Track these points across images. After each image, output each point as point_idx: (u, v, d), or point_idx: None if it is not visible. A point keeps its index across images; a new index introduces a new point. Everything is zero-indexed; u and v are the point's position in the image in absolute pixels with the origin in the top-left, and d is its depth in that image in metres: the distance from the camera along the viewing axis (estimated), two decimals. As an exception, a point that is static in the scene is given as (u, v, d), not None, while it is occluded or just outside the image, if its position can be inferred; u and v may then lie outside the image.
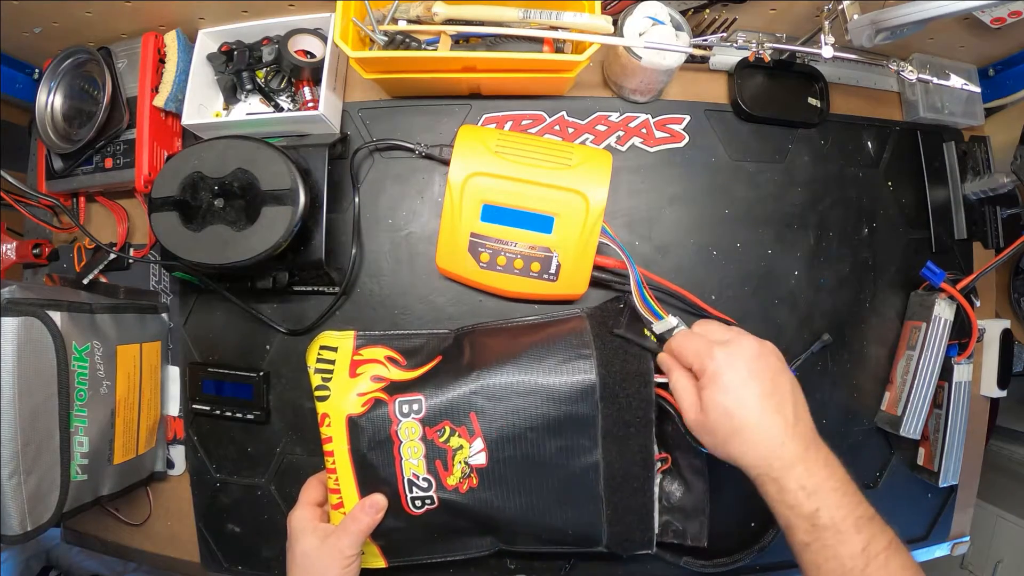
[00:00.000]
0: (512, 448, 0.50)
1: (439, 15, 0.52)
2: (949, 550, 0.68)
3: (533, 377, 0.50)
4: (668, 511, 0.56)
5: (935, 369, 0.59)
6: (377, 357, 0.54)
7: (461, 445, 0.51)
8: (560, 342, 0.51)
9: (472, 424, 0.50)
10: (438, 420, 0.50)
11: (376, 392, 0.52)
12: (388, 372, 0.53)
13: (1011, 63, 0.64)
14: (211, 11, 0.60)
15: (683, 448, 0.55)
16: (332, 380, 0.53)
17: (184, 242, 0.51)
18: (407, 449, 0.51)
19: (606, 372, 0.50)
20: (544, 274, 0.55)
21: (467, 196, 0.53)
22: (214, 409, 0.61)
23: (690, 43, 0.55)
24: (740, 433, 0.42)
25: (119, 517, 0.65)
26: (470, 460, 0.51)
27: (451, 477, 0.51)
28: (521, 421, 0.50)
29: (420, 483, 0.51)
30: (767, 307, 0.62)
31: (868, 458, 0.64)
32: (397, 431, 0.51)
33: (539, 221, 0.54)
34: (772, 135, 0.63)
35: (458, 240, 0.55)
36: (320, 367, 0.54)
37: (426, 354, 0.55)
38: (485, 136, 0.54)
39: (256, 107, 0.63)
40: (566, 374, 0.50)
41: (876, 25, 0.50)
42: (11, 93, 0.66)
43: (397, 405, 0.51)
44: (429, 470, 0.51)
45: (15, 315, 0.45)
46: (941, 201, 0.66)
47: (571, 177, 0.53)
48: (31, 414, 0.46)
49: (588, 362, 0.50)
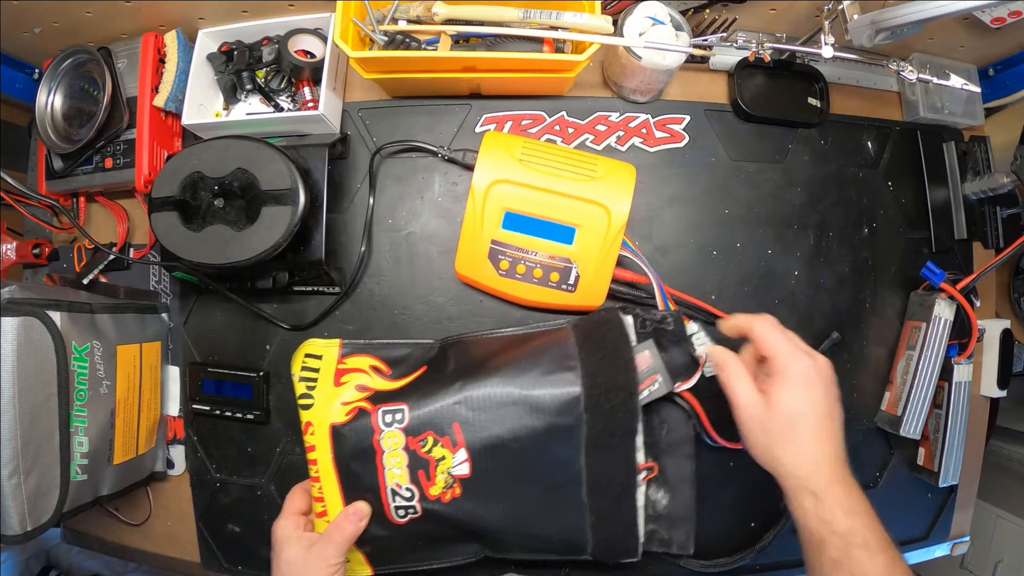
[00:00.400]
0: (495, 458, 0.50)
1: (439, 15, 0.52)
2: (949, 550, 0.68)
3: (517, 388, 0.50)
4: (654, 519, 0.55)
5: (935, 369, 0.59)
6: (362, 366, 0.54)
7: (444, 455, 0.50)
8: (545, 353, 0.51)
9: (455, 435, 0.50)
10: (421, 430, 0.50)
11: (360, 402, 0.52)
12: (372, 381, 0.53)
13: (1011, 63, 0.64)
14: (211, 11, 0.60)
15: (670, 456, 0.55)
16: (316, 388, 0.53)
17: (184, 242, 0.51)
18: (390, 459, 0.50)
19: (591, 383, 0.49)
20: (563, 285, 0.55)
21: (490, 203, 0.53)
22: (214, 409, 0.61)
23: (690, 43, 0.55)
24: (796, 440, 0.43)
25: (119, 517, 0.65)
26: (453, 470, 0.50)
27: (434, 487, 0.51)
28: (505, 432, 0.50)
29: (403, 493, 0.51)
30: (767, 307, 0.62)
31: (868, 458, 0.64)
32: (380, 441, 0.50)
33: (560, 231, 0.54)
34: (772, 135, 0.63)
35: (478, 246, 0.55)
36: (304, 375, 0.54)
37: (411, 364, 0.55)
38: (510, 143, 0.54)
39: (256, 107, 0.63)
40: (550, 386, 0.50)
41: (876, 25, 0.50)
42: (11, 93, 0.66)
43: (380, 415, 0.51)
44: (412, 480, 0.51)
45: (15, 315, 0.45)
46: (941, 201, 0.66)
47: (595, 189, 0.53)
48: (31, 414, 0.46)
49: (573, 373, 0.50)
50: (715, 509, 0.61)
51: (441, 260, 0.60)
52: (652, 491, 0.55)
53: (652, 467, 0.54)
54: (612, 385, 0.50)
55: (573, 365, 0.50)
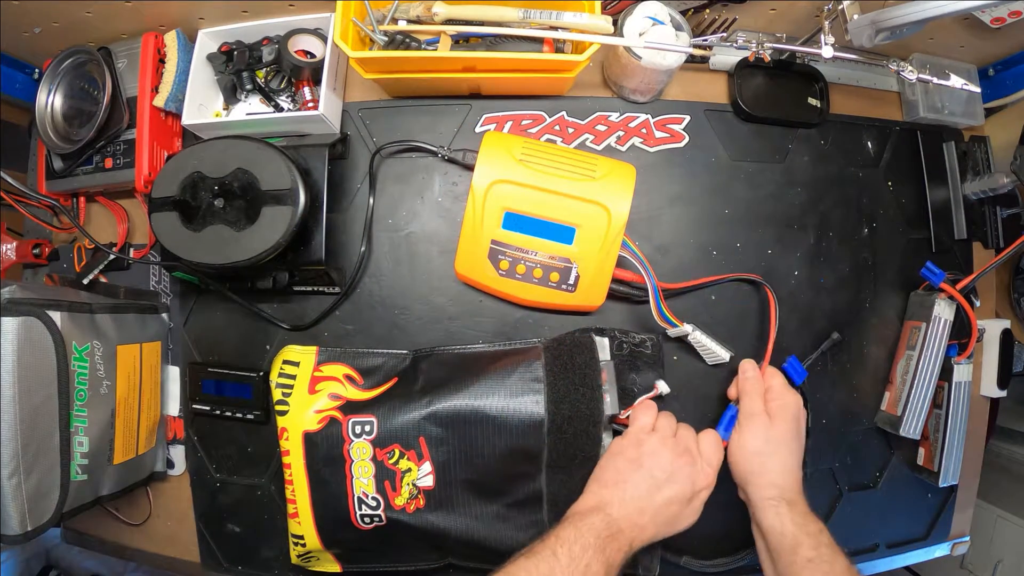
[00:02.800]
0: (459, 473, 0.52)
1: (439, 15, 0.52)
2: (949, 550, 0.68)
3: (483, 408, 0.51)
4: None
5: (935, 369, 0.59)
6: (336, 375, 0.56)
7: (410, 468, 0.52)
8: (514, 374, 0.52)
9: (421, 448, 0.52)
10: (388, 442, 0.52)
11: (332, 411, 0.53)
12: (345, 391, 0.55)
13: (1011, 63, 0.64)
14: (211, 11, 0.60)
15: None
16: (292, 395, 0.55)
17: (184, 242, 0.51)
18: (358, 468, 0.52)
19: (555, 409, 0.51)
20: (563, 285, 0.55)
21: (490, 203, 0.53)
22: (214, 409, 0.61)
23: (690, 43, 0.55)
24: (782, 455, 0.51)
25: (119, 517, 0.64)
26: (418, 482, 0.52)
27: (399, 497, 0.53)
28: (469, 448, 0.51)
29: (369, 501, 0.53)
30: (767, 307, 0.62)
31: (868, 458, 0.64)
32: (349, 451, 0.52)
33: (560, 231, 0.54)
34: (772, 135, 0.63)
35: (478, 246, 0.55)
36: (281, 381, 0.55)
37: (383, 375, 0.56)
38: (510, 144, 0.54)
39: (256, 107, 0.63)
40: (516, 407, 0.51)
41: (876, 25, 0.50)
42: (11, 93, 0.66)
43: (350, 425, 0.52)
44: (378, 490, 0.52)
45: (15, 315, 0.45)
46: (941, 201, 0.66)
47: (595, 189, 0.53)
48: (31, 414, 0.46)
49: (538, 396, 0.51)
50: (715, 509, 0.60)
51: (441, 260, 0.60)
52: None
53: None
54: (576, 412, 0.51)
55: (539, 388, 0.51)
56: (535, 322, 0.60)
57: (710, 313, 0.61)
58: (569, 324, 0.60)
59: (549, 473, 0.52)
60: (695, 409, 0.60)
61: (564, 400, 0.51)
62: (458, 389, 0.52)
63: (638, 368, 0.56)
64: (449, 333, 0.60)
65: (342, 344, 0.60)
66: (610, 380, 0.53)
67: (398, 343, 0.60)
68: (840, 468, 0.63)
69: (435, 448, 0.52)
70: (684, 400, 0.60)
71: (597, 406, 0.51)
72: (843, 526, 0.62)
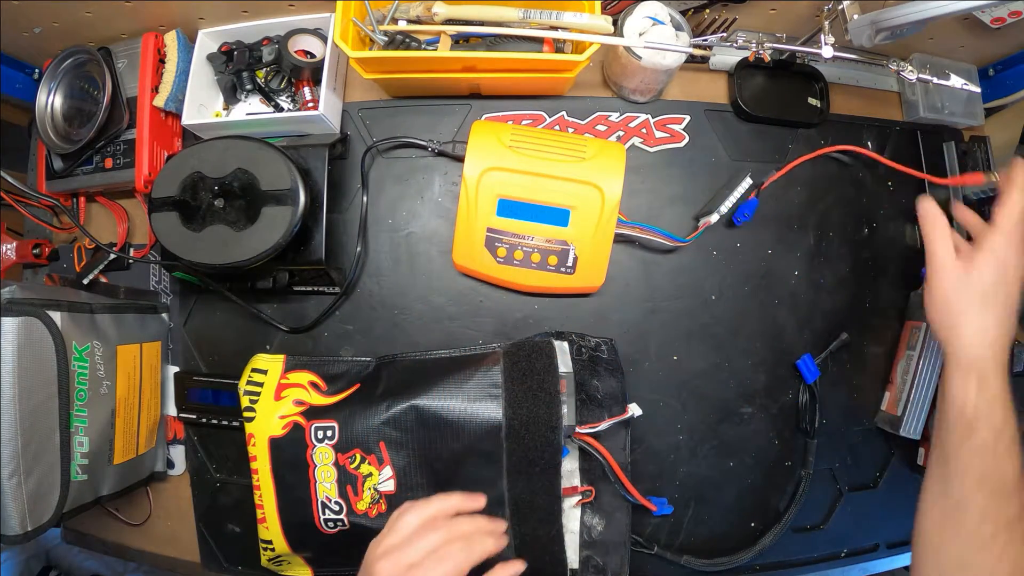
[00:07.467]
0: (420, 477, 0.52)
1: (439, 15, 0.52)
2: (949, 550, 0.68)
3: (441, 412, 0.51)
4: (589, 546, 0.55)
5: (935, 369, 0.59)
6: (301, 381, 0.56)
7: (371, 472, 0.52)
8: (472, 379, 0.52)
9: (382, 453, 0.52)
10: (350, 447, 0.52)
11: (295, 416, 0.54)
12: (309, 397, 0.55)
13: (1011, 63, 0.64)
14: (211, 11, 0.60)
15: (606, 482, 0.55)
16: (258, 402, 0.55)
17: (184, 242, 0.51)
18: (321, 473, 0.53)
19: (512, 414, 0.51)
20: (561, 267, 0.56)
21: (482, 191, 0.54)
22: (200, 417, 0.61)
23: (690, 43, 0.55)
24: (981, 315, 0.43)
25: (119, 517, 0.64)
26: (379, 487, 0.52)
27: (361, 502, 0.53)
28: (429, 453, 0.52)
29: (332, 506, 0.53)
30: (767, 307, 0.62)
31: (868, 458, 0.64)
32: (312, 455, 0.53)
33: (555, 214, 0.54)
34: (772, 135, 0.63)
35: (474, 236, 0.55)
36: (249, 389, 0.56)
37: (346, 381, 0.57)
38: (499, 131, 0.54)
39: (256, 107, 0.63)
40: (474, 411, 0.51)
41: (876, 25, 0.50)
42: (11, 93, 0.66)
43: (313, 430, 0.53)
44: (341, 494, 0.53)
45: (15, 315, 0.45)
46: (941, 201, 0.65)
47: (586, 170, 0.53)
48: (31, 414, 0.46)
49: (496, 402, 0.51)
50: (715, 509, 0.61)
51: (441, 260, 0.60)
52: (588, 517, 0.56)
53: (590, 491, 0.55)
54: (533, 417, 0.51)
55: (497, 393, 0.51)
56: (536, 322, 0.60)
57: (710, 313, 0.61)
58: (570, 322, 0.60)
59: (511, 478, 0.52)
60: (695, 409, 0.60)
61: (522, 404, 0.51)
62: (417, 394, 0.52)
63: (599, 374, 0.56)
64: (449, 333, 0.60)
65: (342, 344, 0.60)
66: (569, 391, 0.53)
67: (398, 343, 0.60)
68: (840, 468, 0.63)
69: (395, 452, 0.52)
70: (684, 400, 0.60)
71: (556, 411, 0.51)
72: (843, 526, 0.63)
